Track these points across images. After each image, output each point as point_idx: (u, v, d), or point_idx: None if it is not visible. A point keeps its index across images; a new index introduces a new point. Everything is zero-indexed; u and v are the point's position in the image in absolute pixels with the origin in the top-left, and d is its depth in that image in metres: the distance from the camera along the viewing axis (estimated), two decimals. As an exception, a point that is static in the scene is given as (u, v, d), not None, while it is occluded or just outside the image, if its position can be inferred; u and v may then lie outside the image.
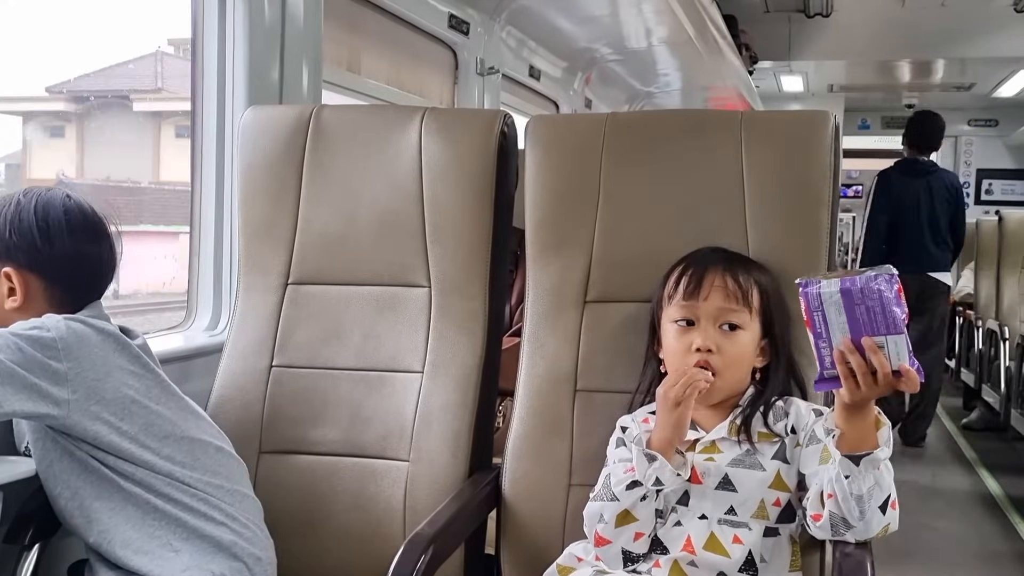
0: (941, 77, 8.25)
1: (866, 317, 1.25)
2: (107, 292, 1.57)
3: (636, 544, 1.43)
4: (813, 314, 1.28)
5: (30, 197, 1.50)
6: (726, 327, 1.48)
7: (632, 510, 1.42)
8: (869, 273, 1.25)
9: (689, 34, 4.43)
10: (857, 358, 1.26)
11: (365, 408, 1.78)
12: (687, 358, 1.47)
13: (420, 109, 1.87)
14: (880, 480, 1.32)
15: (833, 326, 1.27)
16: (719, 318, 1.48)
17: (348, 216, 1.84)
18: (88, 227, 1.52)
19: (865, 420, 1.31)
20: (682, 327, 1.50)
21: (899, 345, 1.25)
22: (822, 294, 1.27)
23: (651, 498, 1.42)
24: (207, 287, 2.21)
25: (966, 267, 6.51)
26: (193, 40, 2.18)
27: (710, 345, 1.46)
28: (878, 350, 1.25)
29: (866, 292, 1.24)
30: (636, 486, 1.42)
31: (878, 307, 1.24)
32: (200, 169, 2.19)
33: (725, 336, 1.47)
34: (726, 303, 1.48)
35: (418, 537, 1.44)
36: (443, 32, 3.42)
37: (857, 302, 1.25)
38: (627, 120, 1.94)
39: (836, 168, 1.67)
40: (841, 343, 1.26)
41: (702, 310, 1.48)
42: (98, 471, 1.43)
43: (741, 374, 1.49)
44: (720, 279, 1.49)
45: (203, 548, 1.45)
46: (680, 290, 1.51)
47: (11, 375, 1.31)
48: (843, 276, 1.27)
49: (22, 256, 1.47)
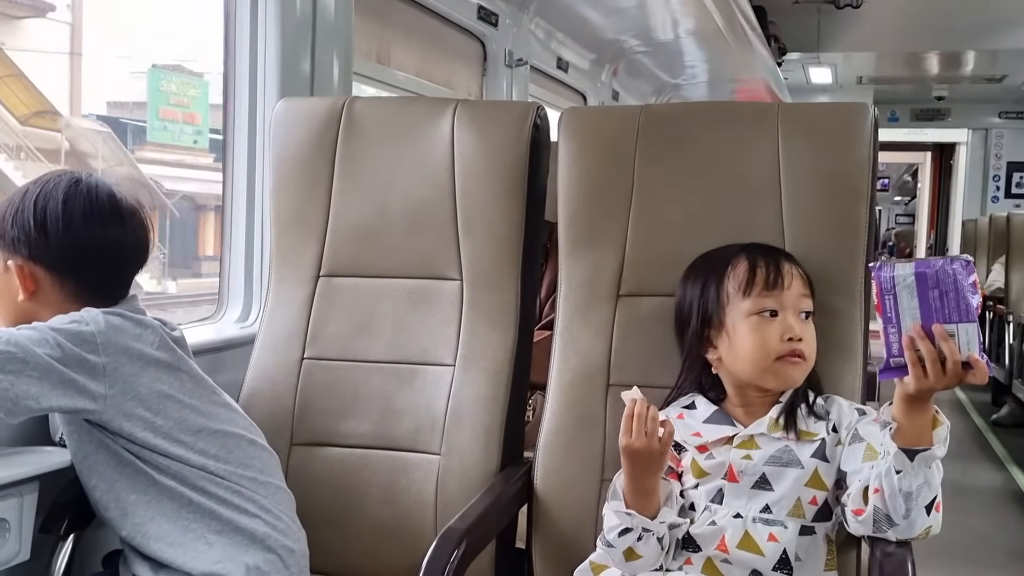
0: (971, 69, 8.16)
1: (939, 303, 1.22)
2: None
3: (650, 568, 1.42)
4: (885, 297, 1.25)
5: (37, 186, 1.46)
6: (803, 315, 1.47)
7: (634, 549, 1.41)
8: (946, 258, 1.23)
9: (718, 25, 4.40)
10: (927, 344, 1.23)
11: (396, 401, 1.78)
12: (777, 347, 1.44)
13: (452, 101, 1.86)
14: (930, 479, 1.30)
15: (904, 311, 1.24)
16: (799, 307, 1.47)
17: (380, 209, 1.84)
18: (97, 213, 1.46)
19: (925, 415, 1.29)
20: (764, 318, 1.46)
21: (970, 334, 1.23)
22: (896, 276, 1.24)
23: (648, 537, 1.40)
24: (238, 279, 2.22)
25: (996, 261, 6.44)
26: (225, 33, 2.18)
27: (800, 333, 1.45)
28: (949, 337, 1.23)
29: (941, 276, 1.22)
30: (627, 532, 1.41)
31: (952, 292, 1.22)
32: (232, 161, 2.20)
33: (805, 325, 1.47)
34: (804, 290, 1.48)
35: (451, 531, 1.44)
36: (472, 24, 3.42)
37: (931, 286, 1.22)
38: (661, 112, 1.93)
39: (874, 161, 1.64)
40: (911, 328, 1.24)
41: (786, 299, 1.46)
42: (133, 464, 1.43)
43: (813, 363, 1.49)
44: (795, 268, 1.49)
45: (237, 541, 1.45)
46: (759, 281, 1.47)
47: (49, 370, 1.32)
48: (918, 260, 1.25)
49: (24, 248, 1.44)
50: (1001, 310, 5.89)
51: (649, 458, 1.36)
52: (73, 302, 1.45)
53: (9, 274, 1.46)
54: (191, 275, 7.70)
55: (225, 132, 2.20)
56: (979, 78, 8.51)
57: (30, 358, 1.30)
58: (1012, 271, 5.71)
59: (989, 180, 9.85)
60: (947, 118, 10.09)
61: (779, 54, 6.68)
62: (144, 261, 1.54)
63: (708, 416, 1.49)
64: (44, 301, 1.46)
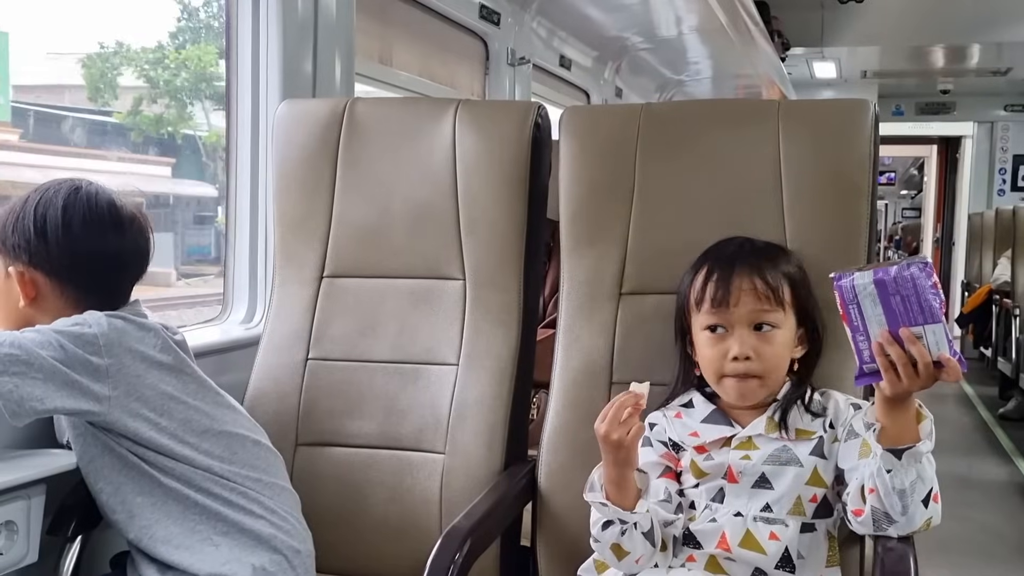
0: (977, 62, 8.13)
1: (902, 307, 1.23)
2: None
3: (643, 563, 1.41)
4: (849, 307, 1.26)
5: (37, 194, 1.48)
6: (763, 328, 1.43)
7: (620, 544, 1.40)
8: (902, 262, 1.23)
9: (721, 21, 4.39)
10: (896, 349, 1.24)
11: (400, 401, 1.78)
12: (725, 366, 1.43)
13: (453, 101, 1.87)
14: (922, 474, 1.30)
15: (870, 319, 1.25)
16: (753, 321, 1.43)
17: (382, 209, 1.84)
18: (97, 221, 1.47)
19: (906, 413, 1.29)
20: (716, 335, 1.45)
21: (938, 334, 1.23)
22: (856, 286, 1.25)
23: (631, 530, 1.39)
24: (243, 280, 2.23)
25: (1002, 255, 6.42)
26: (227, 35, 2.19)
27: (747, 352, 1.41)
28: (916, 340, 1.23)
29: (900, 281, 1.22)
30: (609, 524, 1.40)
31: (913, 296, 1.22)
32: (235, 163, 2.21)
33: (762, 339, 1.42)
34: (758, 305, 1.42)
35: (455, 530, 1.44)
36: (474, 23, 3.42)
37: (892, 292, 1.23)
38: (662, 111, 1.93)
39: (875, 158, 1.64)
40: (879, 335, 1.25)
41: (735, 317, 1.43)
42: (138, 467, 1.44)
43: (782, 372, 1.47)
44: (748, 281, 1.43)
45: (243, 542, 1.46)
46: (707, 298, 1.45)
47: (53, 372, 1.33)
48: (876, 267, 1.25)
49: (24, 255, 1.46)
50: (1007, 304, 5.88)
51: (618, 449, 1.35)
52: (74, 308, 1.46)
53: (10, 281, 1.47)
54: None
55: (228, 133, 2.21)
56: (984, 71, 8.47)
57: (34, 360, 1.31)
58: (1018, 264, 5.70)
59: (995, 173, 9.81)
60: (952, 112, 10.05)
61: (783, 49, 6.66)
62: (144, 268, 1.55)
63: (706, 416, 1.49)
64: (45, 307, 1.47)
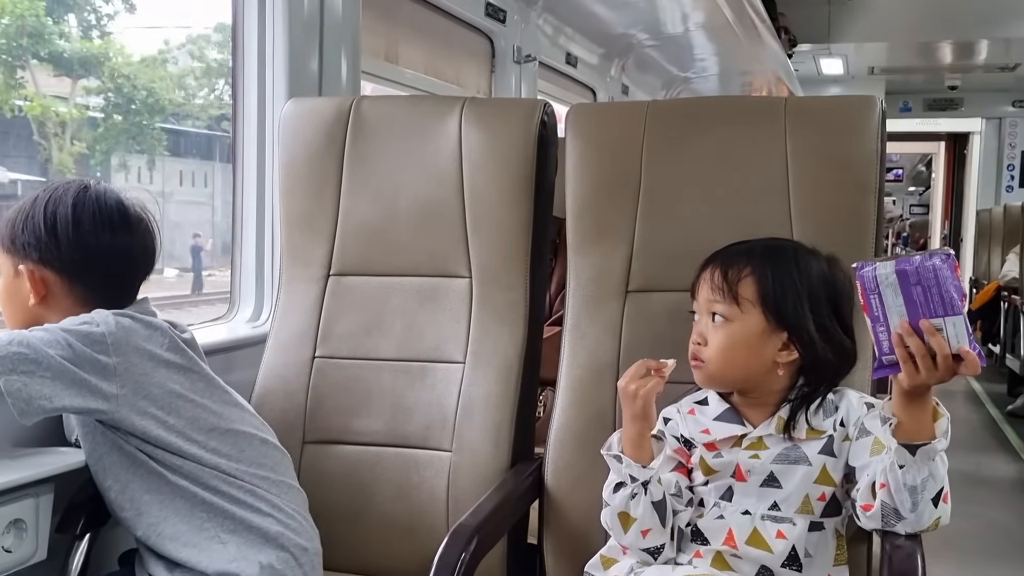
0: (984, 58, 8.10)
1: (923, 298, 1.22)
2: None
3: (648, 540, 1.43)
4: (870, 297, 1.25)
5: (47, 193, 1.49)
6: (715, 319, 1.47)
7: (628, 511, 1.43)
8: (926, 253, 1.23)
9: (727, 18, 4.39)
10: (916, 341, 1.23)
11: (407, 399, 1.79)
12: (689, 348, 1.50)
13: (460, 99, 1.87)
14: (935, 472, 1.30)
15: (890, 309, 1.24)
16: (708, 310, 1.48)
17: (389, 207, 1.85)
18: (106, 220, 1.48)
19: (923, 409, 1.29)
20: (694, 321, 1.51)
21: (958, 327, 1.22)
22: (878, 276, 1.24)
23: (640, 495, 1.42)
24: (249, 279, 2.23)
25: (1011, 251, 6.40)
26: (233, 33, 2.19)
27: (696, 338, 1.48)
28: (936, 332, 1.23)
29: (922, 272, 1.22)
30: (621, 487, 1.44)
31: (935, 287, 1.22)
32: (242, 162, 2.21)
33: (712, 327, 1.47)
34: (711, 296, 1.48)
35: (462, 528, 1.44)
36: (480, 20, 3.42)
37: (913, 282, 1.22)
38: (668, 108, 1.93)
39: (882, 155, 1.64)
40: (899, 326, 1.24)
41: (699, 304, 1.50)
42: (147, 465, 1.44)
43: (735, 365, 1.46)
44: (710, 273, 1.49)
45: (250, 539, 1.46)
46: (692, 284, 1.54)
47: (61, 371, 1.33)
48: (899, 258, 1.25)
49: (34, 253, 1.47)
50: (1016, 300, 5.86)
51: (634, 400, 1.42)
52: (82, 306, 1.46)
53: (20, 279, 1.48)
54: None
55: (234, 132, 2.21)
56: (992, 67, 8.45)
57: (42, 359, 1.32)
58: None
59: (1003, 169, 9.79)
60: (960, 107, 10.03)
61: (789, 46, 6.65)
62: (151, 267, 1.56)
63: (719, 414, 1.49)
64: (54, 305, 1.48)
